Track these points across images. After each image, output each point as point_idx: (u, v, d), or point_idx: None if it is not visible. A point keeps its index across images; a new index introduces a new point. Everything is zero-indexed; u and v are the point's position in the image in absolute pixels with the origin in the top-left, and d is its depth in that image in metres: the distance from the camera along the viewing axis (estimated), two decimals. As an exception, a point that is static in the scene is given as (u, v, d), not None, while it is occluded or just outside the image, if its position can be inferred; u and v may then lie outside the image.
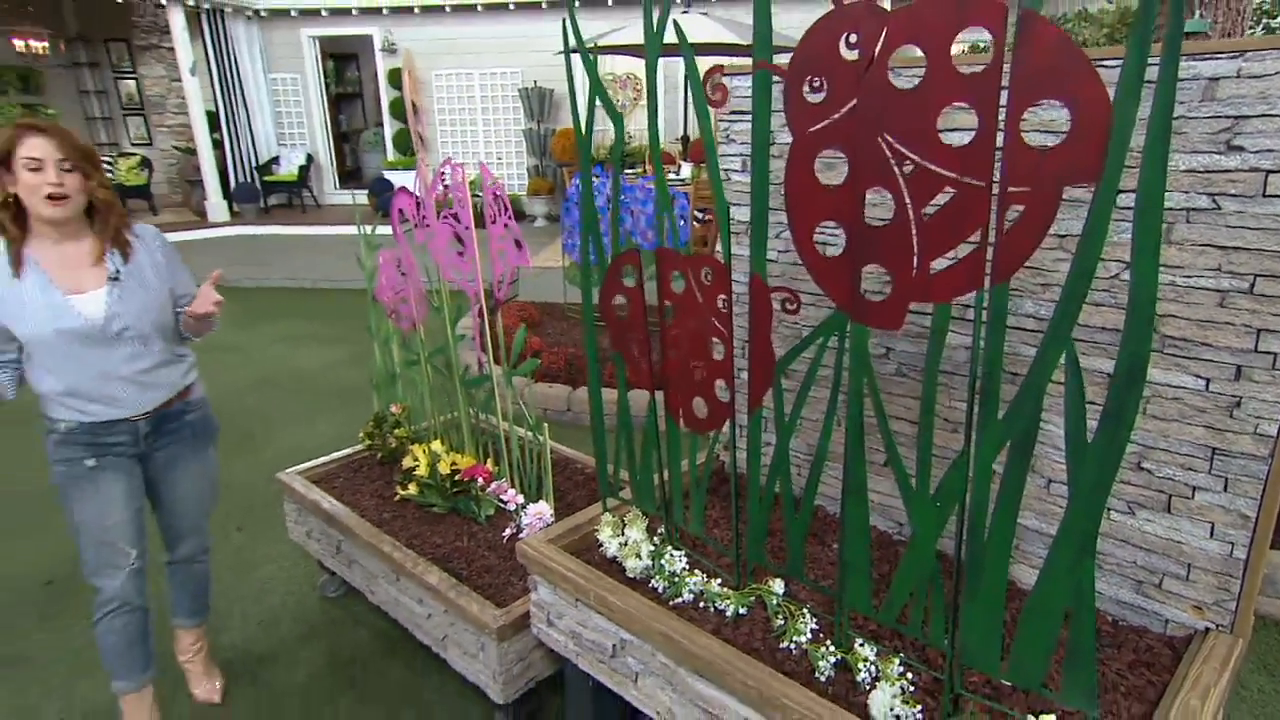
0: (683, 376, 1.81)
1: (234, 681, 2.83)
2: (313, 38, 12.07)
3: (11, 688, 2.83)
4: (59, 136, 1.98)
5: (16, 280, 2.05)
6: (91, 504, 2.22)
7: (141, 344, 2.21)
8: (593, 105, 1.74)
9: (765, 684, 1.64)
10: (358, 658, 2.95)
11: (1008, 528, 1.40)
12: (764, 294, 1.61)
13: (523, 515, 2.54)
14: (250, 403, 5.50)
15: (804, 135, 1.46)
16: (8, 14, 11.48)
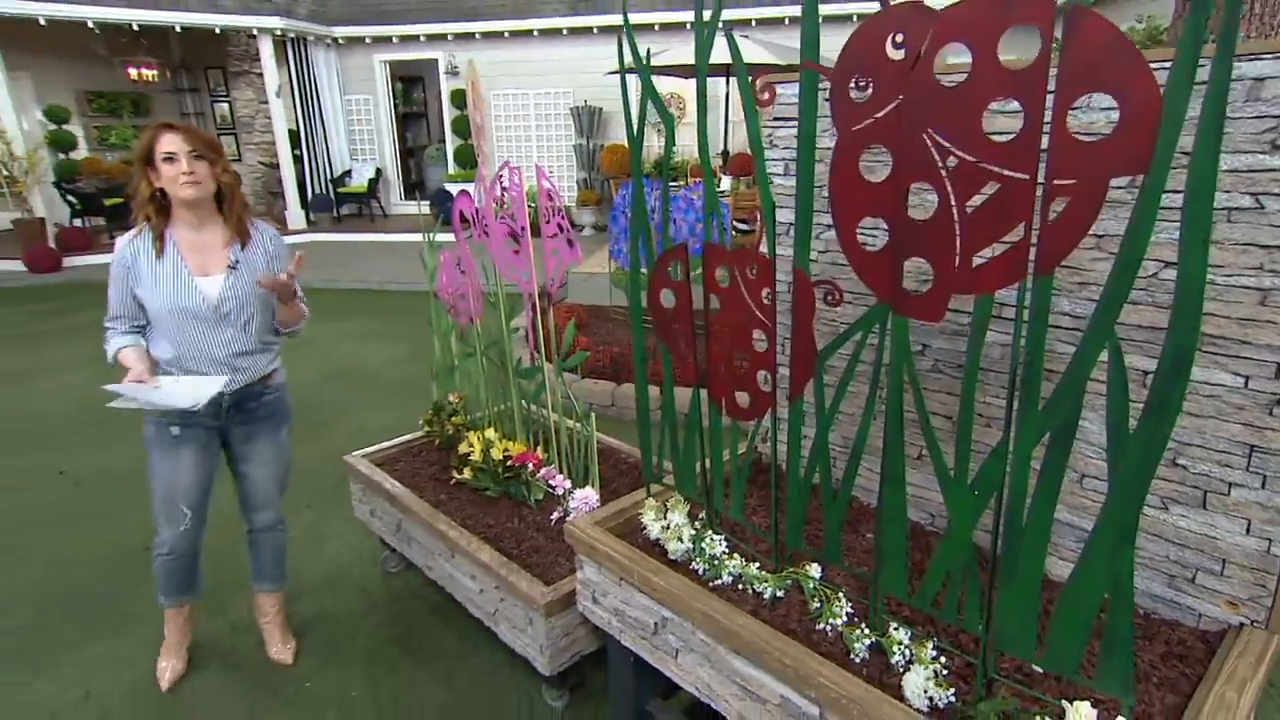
0: (726, 368, 1.77)
1: (304, 644, 2.86)
2: (384, 62, 12.25)
3: (116, 640, 2.90)
4: (187, 131, 2.15)
5: (158, 260, 2.23)
6: (167, 464, 2.39)
7: (241, 328, 2.32)
8: (644, 106, 1.70)
9: (802, 663, 1.59)
10: (415, 628, 2.95)
11: (1046, 516, 1.33)
12: (807, 288, 1.56)
13: (570, 499, 2.51)
14: (322, 393, 5.58)
15: (849, 133, 1.41)
16: (125, 47, 11.99)
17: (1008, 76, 1.19)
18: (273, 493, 2.62)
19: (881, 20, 1.33)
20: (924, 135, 1.31)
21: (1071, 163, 1.15)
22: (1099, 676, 1.37)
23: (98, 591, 3.24)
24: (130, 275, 2.25)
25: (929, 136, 1.31)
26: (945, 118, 1.28)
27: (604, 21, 10.74)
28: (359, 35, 11.84)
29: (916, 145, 1.33)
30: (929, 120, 1.30)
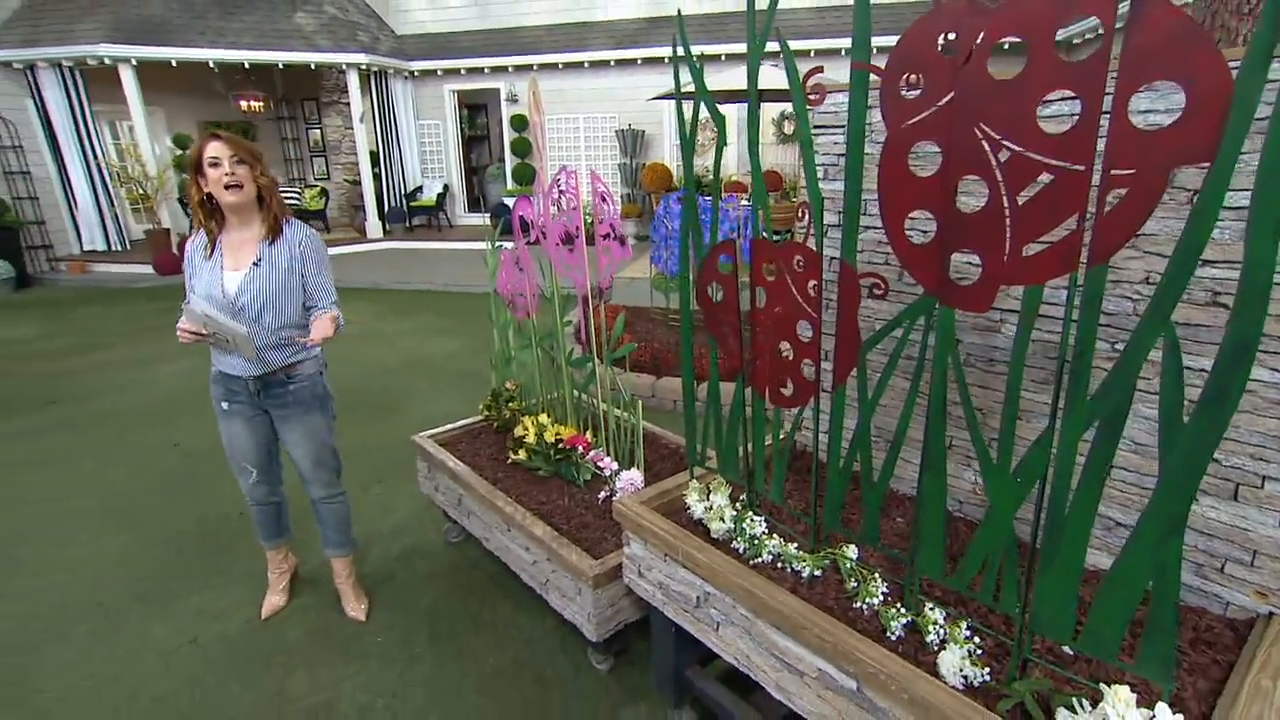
0: (771, 358, 1.67)
1: (375, 604, 2.84)
2: (452, 91, 12.30)
3: (216, 593, 2.92)
4: (229, 140, 2.17)
5: (207, 258, 2.28)
6: (226, 431, 2.51)
7: (254, 320, 2.27)
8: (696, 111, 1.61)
9: (840, 639, 1.49)
10: (473, 593, 2.90)
11: (1090, 505, 1.22)
12: (853, 280, 1.45)
13: (616, 480, 2.43)
14: (392, 380, 5.58)
15: (898, 129, 1.31)
16: (237, 83, 12.45)
17: (1066, 69, 1.07)
18: (313, 471, 2.58)
19: (933, 19, 1.23)
20: (975, 129, 1.21)
21: (1131, 153, 1.04)
22: (1140, 662, 1.25)
23: (201, 550, 3.27)
24: (189, 267, 2.33)
25: (980, 130, 1.20)
26: (998, 112, 1.17)
27: (646, 54, 10.65)
28: (432, 68, 11.91)
29: (967, 139, 1.22)
30: (981, 115, 1.19)
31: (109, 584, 3.06)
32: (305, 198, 12.07)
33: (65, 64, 9.53)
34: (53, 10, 9.78)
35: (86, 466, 4.19)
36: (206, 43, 10.02)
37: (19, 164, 9.65)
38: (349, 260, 10.50)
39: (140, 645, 2.67)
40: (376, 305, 8.17)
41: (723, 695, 2.07)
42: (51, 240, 10.08)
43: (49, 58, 9.39)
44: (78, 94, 9.82)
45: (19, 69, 9.62)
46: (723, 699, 2.06)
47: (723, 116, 1.58)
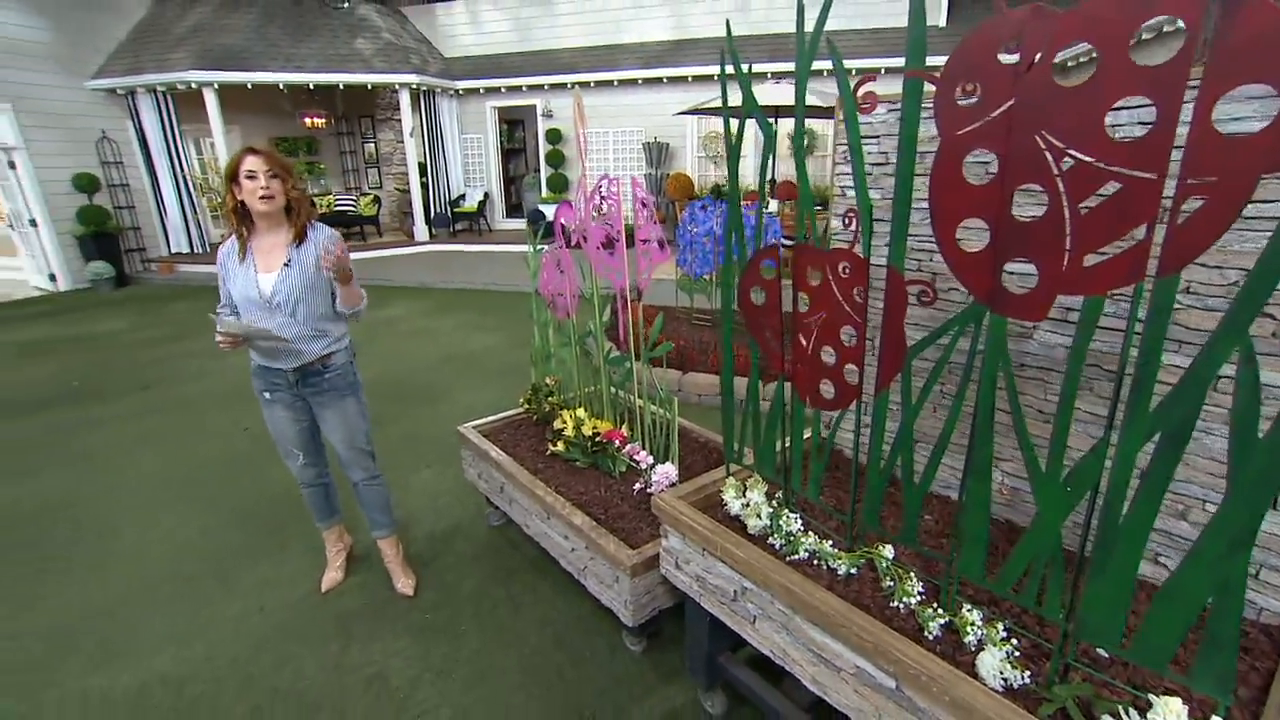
0: (813, 360, 1.56)
1: (424, 582, 2.77)
2: (493, 108, 12.23)
3: (280, 567, 2.88)
4: (265, 154, 2.14)
5: (240, 262, 2.25)
6: (270, 420, 2.47)
7: (290, 315, 2.25)
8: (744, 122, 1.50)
9: (880, 639, 1.37)
10: (514, 575, 2.81)
11: (1149, 516, 1.09)
12: (900, 286, 1.33)
13: (652, 474, 2.33)
14: (437, 372, 5.53)
15: (953, 137, 1.18)
16: (303, 102, 12.51)
17: (1142, 74, 0.94)
18: (351, 454, 2.53)
19: (995, 26, 1.10)
20: (1037, 138, 1.08)
21: (1212, 160, 0.91)
22: (1195, 676, 1.12)
23: (265, 526, 3.24)
24: (223, 271, 2.29)
25: (1042, 138, 1.08)
26: (1062, 119, 1.04)
27: (672, 73, 10.49)
28: (475, 87, 11.85)
29: (1027, 148, 1.09)
30: (1043, 122, 1.07)
31: (188, 554, 3.04)
32: (360, 204, 12.13)
33: (159, 89, 9.70)
34: (151, 42, 10.01)
35: (171, 447, 4.19)
36: (277, 67, 10.09)
37: (120, 178, 9.85)
38: (399, 261, 10.49)
39: (215, 612, 2.64)
40: (423, 303, 8.14)
41: (754, 681, 1.96)
42: (145, 244, 10.23)
43: (147, 84, 9.60)
44: (169, 115, 9.98)
45: (122, 94, 9.84)
46: (754, 685, 1.95)
47: (773, 129, 1.46)
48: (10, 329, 7.29)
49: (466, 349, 6.25)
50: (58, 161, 9.13)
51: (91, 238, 9.27)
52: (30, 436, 4.39)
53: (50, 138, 9.04)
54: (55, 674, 2.34)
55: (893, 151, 1.91)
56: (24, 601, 2.74)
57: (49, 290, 9.23)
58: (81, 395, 5.16)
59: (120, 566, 2.96)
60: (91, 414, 4.77)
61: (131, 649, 2.45)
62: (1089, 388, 1.60)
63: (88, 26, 9.60)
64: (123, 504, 3.49)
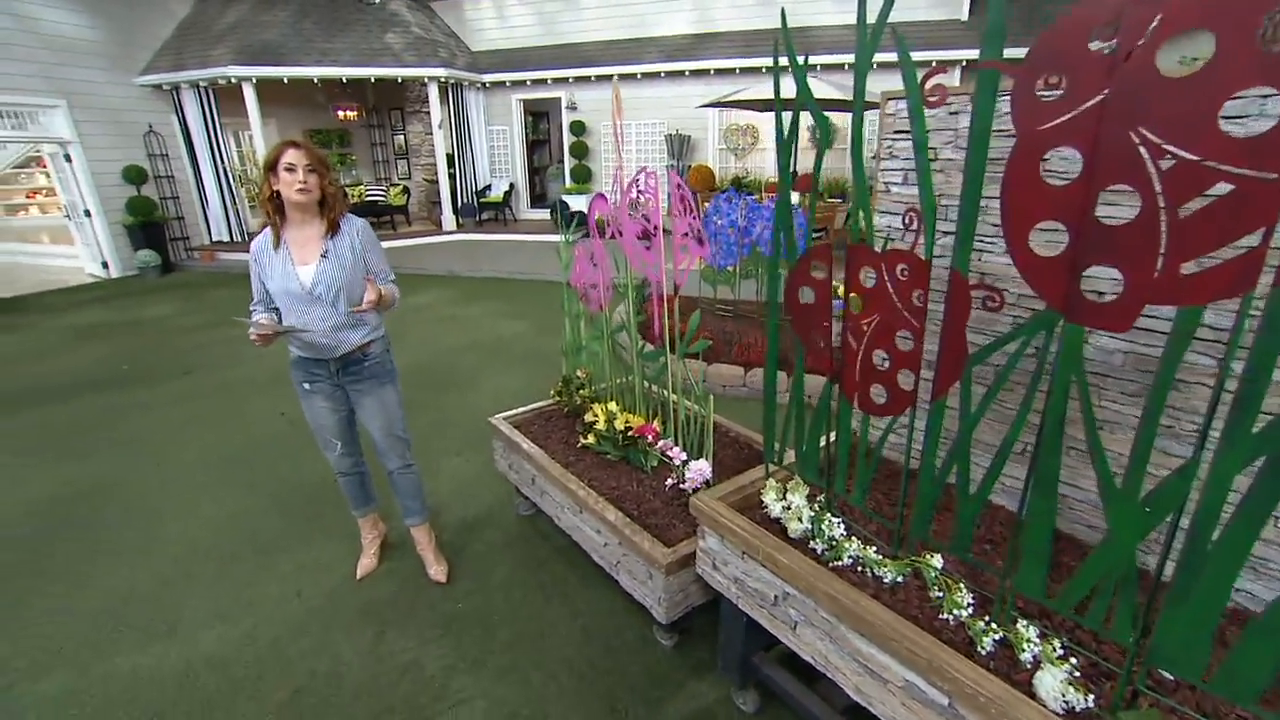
0: (865, 364, 1.44)
1: (456, 571, 2.71)
2: (519, 100, 12.06)
3: (317, 552, 2.83)
4: (305, 148, 2.08)
5: (275, 253, 2.16)
6: (309, 411, 2.40)
7: (331, 305, 2.18)
8: (798, 114, 1.37)
9: (934, 655, 1.27)
10: (544, 565, 2.74)
11: (1246, 544, 0.97)
12: (964, 290, 1.21)
13: (686, 470, 2.23)
14: (466, 359, 5.46)
15: (1032, 134, 1.05)
16: (336, 95, 12.39)
17: (1271, 61, 0.81)
18: (388, 441, 2.47)
19: (1088, 11, 0.96)
20: (1132, 134, 0.95)
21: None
22: (1287, 713, 1.01)
23: (302, 511, 3.19)
24: (257, 266, 2.21)
25: (1139, 135, 0.94)
26: (1165, 114, 0.91)
27: (694, 66, 10.23)
28: (501, 80, 11.67)
29: (1120, 145, 0.96)
30: (1141, 117, 0.93)
31: (228, 536, 3.01)
32: (390, 194, 12.07)
33: (201, 84, 9.68)
34: (193, 39, 10.00)
35: (213, 431, 4.17)
36: (312, 61, 10.02)
37: (165, 169, 9.89)
38: (427, 250, 10.42)
39: (255, 594, 2.60)
40: (451, 291, 8.07)
41: (789, 682, 1.87)
42: (188, 233, 10.28)
43: (190, 79, 9.59)
44: (210, 109, 9.97)
45: (167, 90, 9.85)
46: (789, 686, 1.86)
47: (828, 120, 1.33)
48: (69, 314, 7.35)
49: (493, 336, 6.18)
50: (109, 155, 9.16)
51: (139, 227, 9.32)
52: (85, 418, 4.40)
53: (102, 132, 9.06)
54: (107, 652, 2.32)
55: (942, 147, 1.77)
56: (79, 580, 2.73)
57: (102, 277, 9.31)
58: (130, 379, 5.17)
59: (165, 548, 2.94)
60: (139, 397, 4.77)
61: (177, 629, 2.42)
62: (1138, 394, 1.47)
63: (136, 25, 9.59)
64: (168, 487, 3.47)
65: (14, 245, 11.47)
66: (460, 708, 2.06)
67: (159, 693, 2.15)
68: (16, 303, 7.94)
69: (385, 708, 2.06)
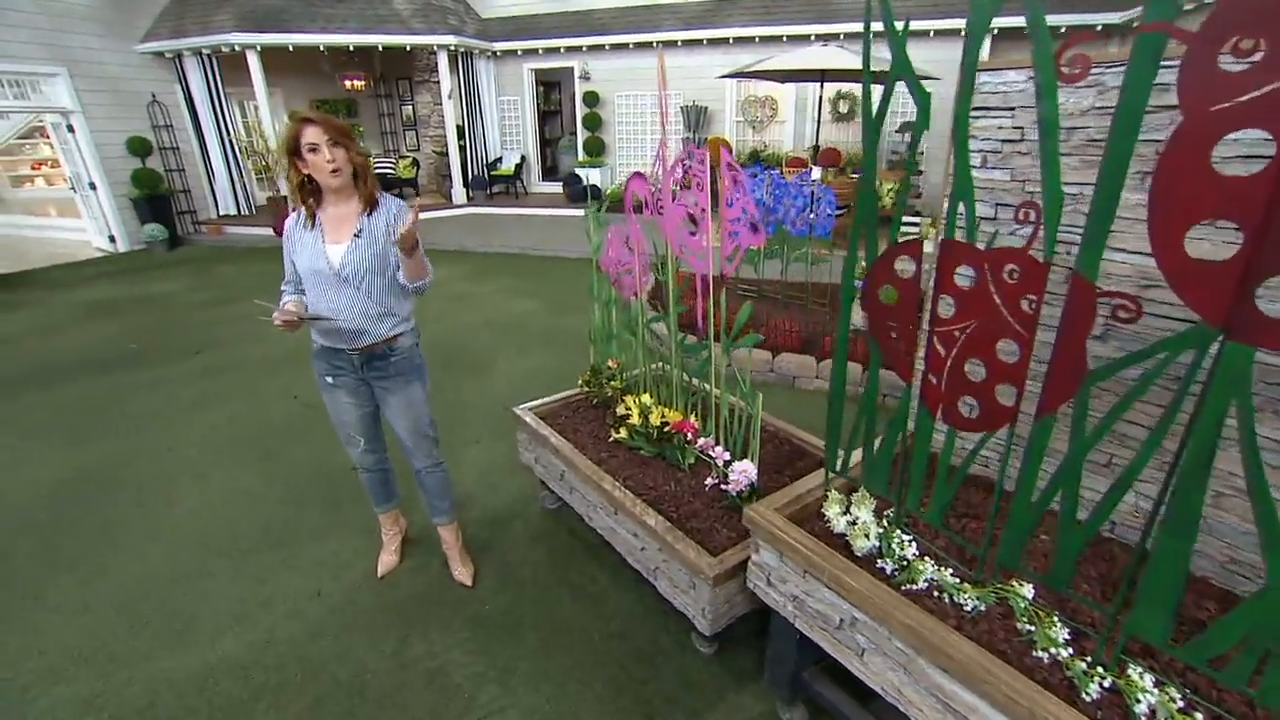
0: (954, 374, 1.28)
1: (481, 569, 2.60)
2: (530, 70, 11.71)
3: (337, 545, 2.72)
4: (324, 122, 1.88)
5: (308, 231, 2.02)
6: (332, 405, 2.27)
7: (358, 288, 2.01)
8: (891, 86, 1.19)
9: (1039, 705, 1.13)
10: (572, 563, 2.63)
11: None
12: (1088, 298, 1.04)
13: (730, 471, 2.08)
14: (479, 338, 5.32)
15: (1204, 114, 0.87)
16: (342, 64, 12.03)
17: None
18: (414, 440, 2.31)
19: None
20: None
21: None
22: None
23: (320, 502, 3.08)
24: (288, 244, 2.08)
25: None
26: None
27: (712, 34, 9.85)
28: (513, 49, 11.31)
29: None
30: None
31: (243, 527, 2.90)
32: (399, 167, 11.80)
33: (204, 51, 9.40)
34: (195, 4, 9.67)
35: (225, 414, 4.05)
36: (318, 28, 9.69)
37: (170, 141, 9.65)
38: (438, 224, 10.21)
39: (273, 591, 2.50)
40: (463, 267, 7.89)
41: (843, 702, 1.75)
42: (194, 206, 10.08)
43: (192, 47, 9.30)
44: (214, 78, 9.69)
45: (169, 58, 9.56)
46: (844, 706, 1.74)
47: (927, 94, 1.15)
48: (77, 289, 7.23)
49: (507, 314, 6.02)
50: (111, 125, 8.94)
51: (145, 200, 9.14)
52: (94, 398, 4.30)
53: (103, 101, 8.83)
54: (124, 654, 2.22)
55: (1030, 126, 1.58)
56: (94, 570, 2.64)
57: (109, 251, 9.17)
58: (140, 358, 5.06)
59: (181, 538, 2.83)
60: (149, 377, 4.65)
61: (195, 628, 2.33)
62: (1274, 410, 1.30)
63: (134, -13, 9.28)
64: (181, 473, 3.36)
65: (20, 218, 11.33)
66: (491, 720, 1.96)
67: (177, 699, 2.05)
68: (24, 277, 7.82)
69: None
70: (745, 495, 2.07)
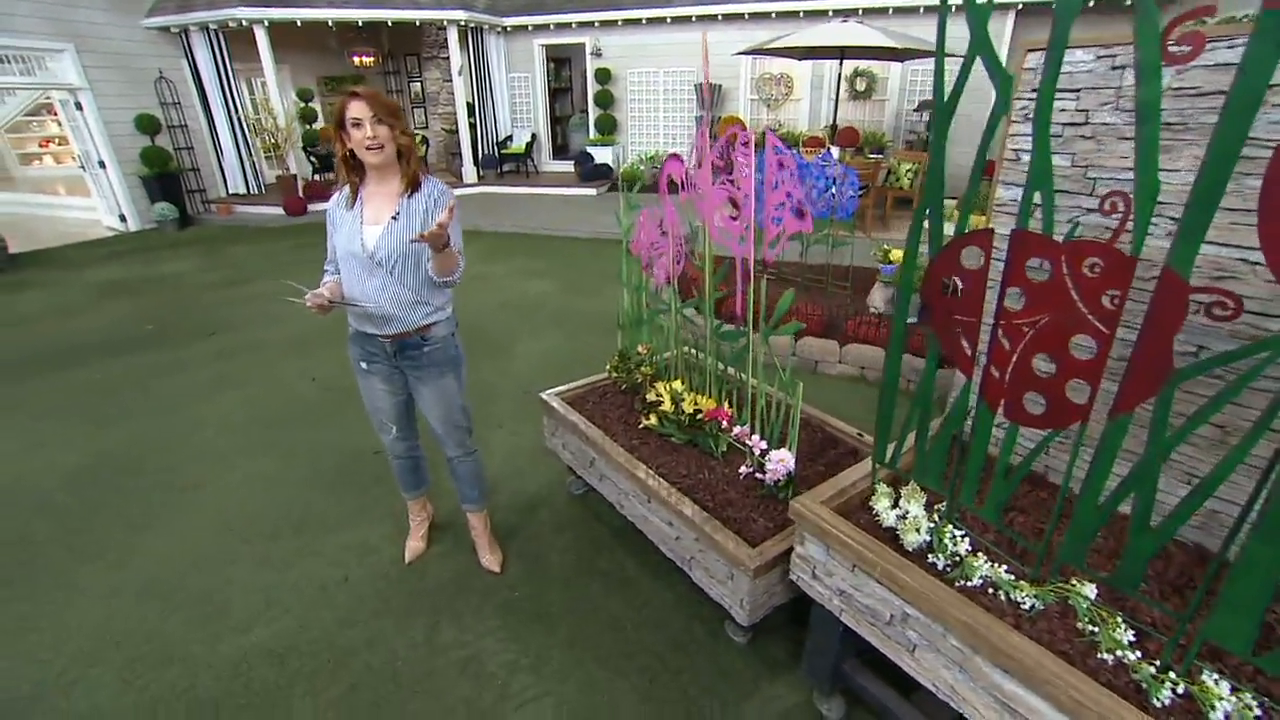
0: (1020, 369, 1.23)
1: (509, 554, 2.59)
2: (541, 45, 11.51)
3: (363, 530, 2.72)
4: (371, 98, 1.84)
5: (348, 210, 1.98)
6: (365, 391, 2.24)
7: (390, 274, 1.96)
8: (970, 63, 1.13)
9: (1109, 709, 1.11)
10: (601, 550, 2.62)
11: None
12: (1180, 295, 0.99)
13: (767, 460, 2.05)
14: (497, 320, 5.28)
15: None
16: (350, 40, 11.86)
17: None
18: (446, 430, 2.28)
19: None
20: None
21: None
22: None
23: (343, 486, 3.08)
24: (330, 224, 2.04)
25: None
26: None
27: (727, 10, 9.63)
28: (523, 24, 11.11)
29: None
30: None
31: (266, 511, 2.91)
32: (410, 146, 11.69)
33: (211, 26, 9.26)
34: (199, -24, 9.49)
35: (243, 397, 4.05)
36: (326, 3, 9.53)
37: (179, 119, 9.53)
38: (449, 204, 10.13)
39: (301, 576, 2.51)
40: (475, 247, 7.82)
41: (885, 694, 1.74)
42: (204, 185, 10.02)
43: (199, 21, 9.15)
44: (222, 54, 9.54)
45: (175, 33, 9.42)
46: (885, 698, 1.73)
47: (1009, 76, 1.09)
48: (90, 269, 7.21)
49: (522, 295, 5.98)
50: (119, 103, 8.84)
51: (155, 179, 9.07)
52: (113, 381, 4.30)
53: (111, 78, 8.72)
54: (159, 638, 2.23)
55: (1096, 109, 1.51)
56: (121, 554, 2.64)
57: (120, 230, 9.14)
58: (155, 340, 5.05)
59: (204, 523, 2.84)
60: (165, 360, 4.65)
61: (225, 613, 2.33)
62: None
63: (139, -40, 9.12)
64: (201, 457, 3.36)
65: (30, 196, 11.29)
66: (526, 708, 1.96)
67: (215, 682, 2.07)
68: (38, 257, 7.81)
69: (446, 709, 1.96)
70: (782, 485, 2.05)
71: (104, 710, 1.98)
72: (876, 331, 4.15)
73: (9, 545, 2.71)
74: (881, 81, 9.54)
